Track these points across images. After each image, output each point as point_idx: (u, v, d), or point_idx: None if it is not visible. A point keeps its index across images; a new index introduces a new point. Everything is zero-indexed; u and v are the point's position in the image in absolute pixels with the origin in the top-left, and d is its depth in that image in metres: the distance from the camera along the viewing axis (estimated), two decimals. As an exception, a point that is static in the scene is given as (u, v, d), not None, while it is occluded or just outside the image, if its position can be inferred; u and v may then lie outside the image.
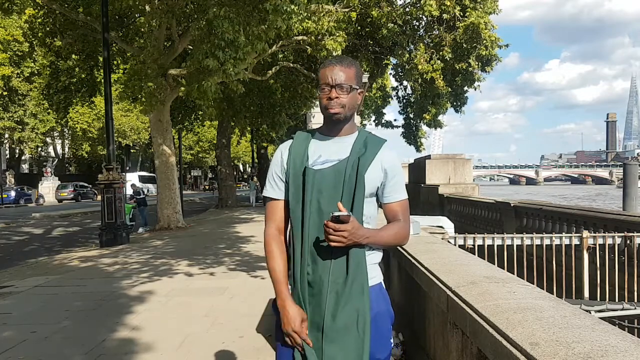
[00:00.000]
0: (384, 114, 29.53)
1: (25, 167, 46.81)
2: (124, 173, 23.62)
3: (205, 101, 12.10)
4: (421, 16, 15.99)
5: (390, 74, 24.06)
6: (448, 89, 17.41)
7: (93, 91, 16.29)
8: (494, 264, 4.17)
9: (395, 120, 28.62)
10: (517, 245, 6.94)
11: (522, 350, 1.41)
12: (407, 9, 16.09)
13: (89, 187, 38.75)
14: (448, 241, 5.47)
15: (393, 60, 19.39)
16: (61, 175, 44.26)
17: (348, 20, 14.02)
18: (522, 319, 1.61)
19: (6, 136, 36.80)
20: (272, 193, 1.76)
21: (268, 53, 13.04)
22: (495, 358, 1.60)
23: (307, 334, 1.59)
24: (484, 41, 15.67)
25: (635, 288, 7.31)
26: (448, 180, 22.73)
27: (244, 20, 10.39)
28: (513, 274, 2.50)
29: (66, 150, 49.54)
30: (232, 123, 22.52)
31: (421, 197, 23.19)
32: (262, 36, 10.50)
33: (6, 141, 37.99)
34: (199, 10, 11.85)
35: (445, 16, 15.39)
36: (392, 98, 27.56)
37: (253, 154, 37.03)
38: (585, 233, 7.33)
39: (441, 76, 16.31)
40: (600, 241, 7.36)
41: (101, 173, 11.16)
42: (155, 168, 15.10)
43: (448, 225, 7.00)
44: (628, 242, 7.51)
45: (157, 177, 14.24)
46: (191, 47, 12.92)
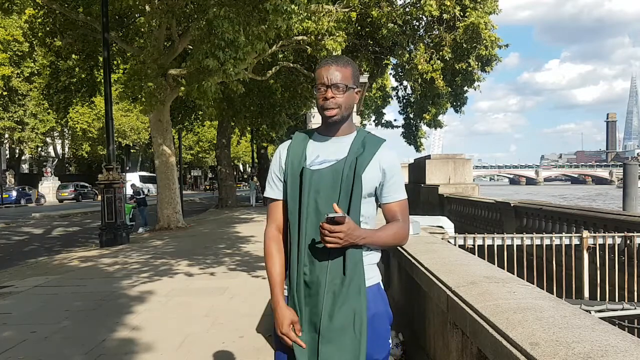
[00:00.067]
0: (384, 114, 29.63)
1: (25, 167, 46.79)
2: (124, 173, 23.65)
3: (205, 101, 12.10)
4: (421, 16, 15.99)
5: (390, 74, 24.09)
6: (448, 89, 17.42)
7: (93, 91, 16.30)
8: (494, 264, 4.17)
9: (395, 120, 28.73)
10: (517, 245, 6.94)
11: (522, 350, 1.41)
12: (407, 9, 16.08)
13: (90, 187, 38.78)
14: (448, 241, 5.47)
15: (393, 60, 19.38)
16: (61, 175, 44.30)
17: (348, 20, 14.00)
18: (522, 319, 1.61)
19: (6, 136, 36.78)
20: (272, 193, 1.76)
21: (268, 53, 13.04)
22: (495, 358, 1.60)
23: (300, 336, 1.60)
24: (484, 41, 15.68)
25: (635, 288, 7.31)
26: (448, 180, 22.72)
27: (244, 20, 10.39)
28: (513, 274, 2.50)
29: (66, 150, 49.54)
30: (232, 123, 22.53)
31: (421, 197, 23.19)
32: (262, 36, 10.50)
33: (6, 141, 37.98)
34: (199, 10, 11.85)
35: (445, 16, 15.39)
36: (392, 98, 27.62)
37: (253, 154, 37.01)
38: (585, 233, 7.32)
39: (441, 76, 16.31)
40: (600, 241, 7.35)
41: (101, 173, 11.18)
42: (155, 168, 15.10)
43: (448, 225, 7.00)
44: (628, 242, 7.51)
45: (157, 177, 14.25)
46: (191, 47, 12.93)
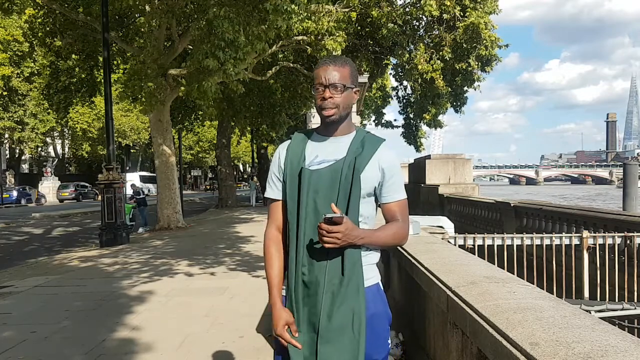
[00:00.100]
0: (384, 114, 29.62)
1: (25, 167, 46.79)
2: (124, 173, 23.66)
3: (205, 101, 12.11)
4: (421, 16, 15.98)
5: (390, 74, 24.07)
6: (448, 89, 17.42)
7: (93, 91, 16.30)
8: (494, 264, 4.16)
9: (395, 120, 28.72)
10: (517, 245, 6.93)
11: (522, 350, 1.41)
12: (407, 9, 16.07)
13: (90, 187, 38.78)
14: (448, 241, 5.47)
15: (393, 60, 19.38)
16: (61, 175, 44.31)
17: (348, 20, 14.00)
18: (522, 319, 1.60)
19: (6, 136, 36.78)
20: (272, 194, 1.76)
21: (268, 53, 13.04)
22: (495, 358, 1.60)
23: (298, 336, 1.60)
24: (484, 41, 15.68)
25: (635, 288, 7.30)
26: (448, 180, 22.71)
27: (244, 20, 10.39)
28: (513, 274, 2.50)
29: (66, 150, 49.55)
30: (232, 123, 22.53)
31: (421, 197, 23.18)
32: (262, 36, 10.50)
33: (6, 141, 37.98)
34: (199, 10, 11.85)
35: (445, 16, 15.39)
36: (392, 98, 27.61)
37: (253, 154, 37.02)
38: (585, 233, 7.32)
39: (441, 76, 16.31)
40: (600, 241, 7.35)
41: (101, 173, 11.18)
42: (155, 168, 15.10)
43: (448, 225, 6.99)
44: (628, 242, 7.50)
45: (157, 177, 14.25)
46: (191, 47, 12.93)
